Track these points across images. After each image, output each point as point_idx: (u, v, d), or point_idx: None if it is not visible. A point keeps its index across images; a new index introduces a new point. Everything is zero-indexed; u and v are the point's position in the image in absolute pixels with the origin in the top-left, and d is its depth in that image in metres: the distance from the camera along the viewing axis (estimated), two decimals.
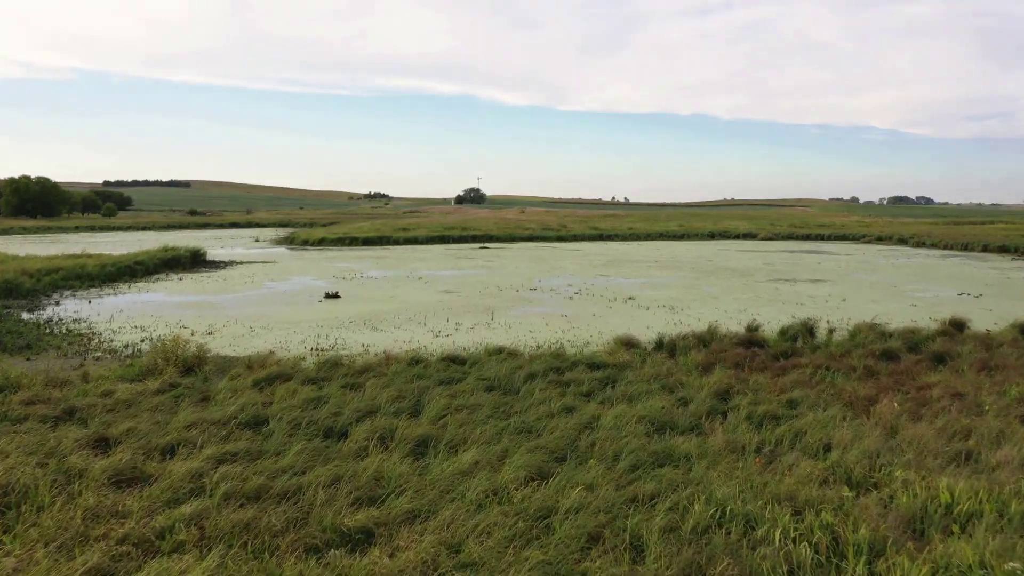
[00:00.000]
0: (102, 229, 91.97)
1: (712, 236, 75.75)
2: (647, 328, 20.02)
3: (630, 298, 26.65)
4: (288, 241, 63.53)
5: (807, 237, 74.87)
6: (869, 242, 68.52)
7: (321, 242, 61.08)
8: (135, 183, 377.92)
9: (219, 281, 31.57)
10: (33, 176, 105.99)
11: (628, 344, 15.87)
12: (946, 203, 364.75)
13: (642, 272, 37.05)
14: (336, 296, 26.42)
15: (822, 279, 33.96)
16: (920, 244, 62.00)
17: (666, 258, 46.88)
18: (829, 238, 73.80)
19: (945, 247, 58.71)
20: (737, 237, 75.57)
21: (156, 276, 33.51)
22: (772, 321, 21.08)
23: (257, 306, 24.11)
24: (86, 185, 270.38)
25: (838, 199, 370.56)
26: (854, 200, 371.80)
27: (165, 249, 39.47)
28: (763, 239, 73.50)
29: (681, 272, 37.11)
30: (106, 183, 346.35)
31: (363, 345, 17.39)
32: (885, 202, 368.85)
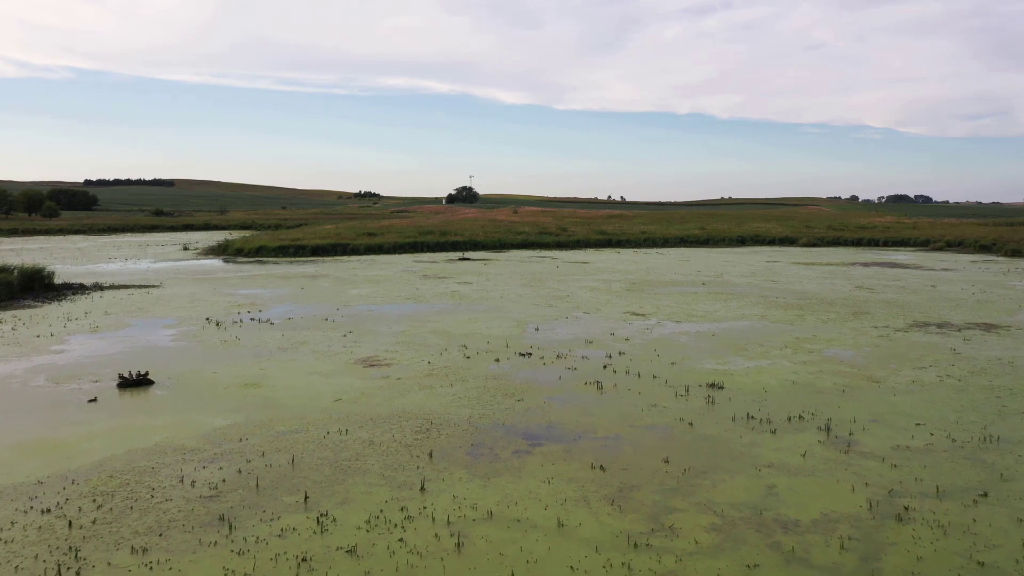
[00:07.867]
0: (25, 233, 78.70)
1: (743, 241, 62.73)
2: (838, 564, 7.17)
3: (713, 385, 13.82)
4: (221, 250, 50.53)
5: (857, 243, 61.93)
6: (939, 248, 55.85)
7: (259, 251, 48.11)
8: (117, 182, 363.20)
9: None
10: None
11: None
12: (945, 201, 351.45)
13: (694, 307, 24.18)
14: (142, 382, 13.60)
15: (990, 323, 21.11)
16: (1015, 253, 49.23)
17: (711, 277, 34.00)
18: (886, 244, 60.76)
19: None
20: (772, 243, 62.77)
21: None
22: None
23: None
24: (65, 184, 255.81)
25: (836, 197, 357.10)
26: (854, 198, 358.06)
27: None
28: (805, 245, 60.71)
29: (753, 306, 24.28)
30: (87, 182, 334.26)
31: None
32: (883, 200, 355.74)
